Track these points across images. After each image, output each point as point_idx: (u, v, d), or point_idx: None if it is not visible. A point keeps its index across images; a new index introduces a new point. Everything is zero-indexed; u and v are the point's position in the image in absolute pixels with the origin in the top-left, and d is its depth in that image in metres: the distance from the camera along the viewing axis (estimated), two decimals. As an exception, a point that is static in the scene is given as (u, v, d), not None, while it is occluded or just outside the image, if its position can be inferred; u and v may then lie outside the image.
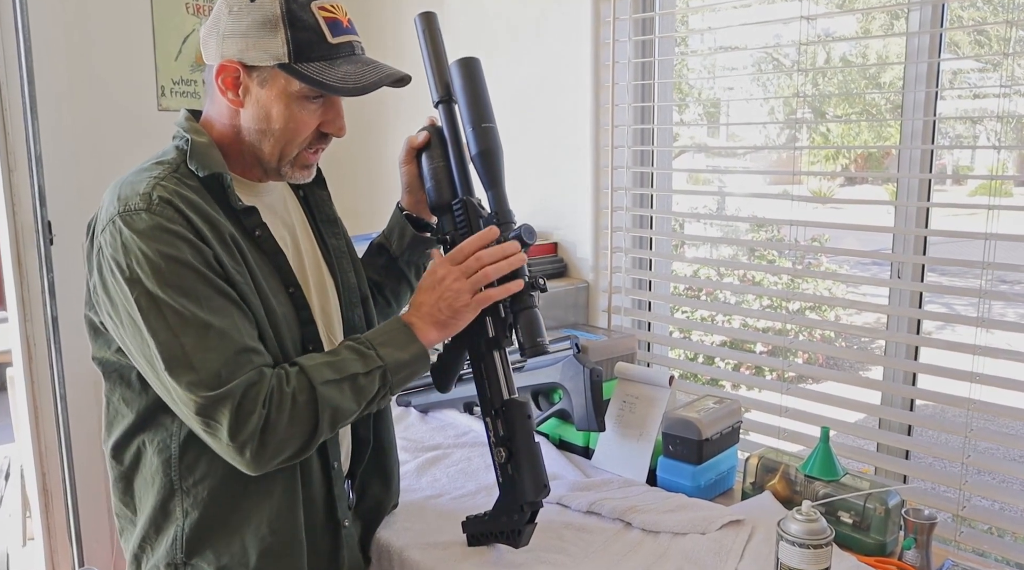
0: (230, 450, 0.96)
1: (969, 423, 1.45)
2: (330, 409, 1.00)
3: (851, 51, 4.64)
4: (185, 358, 0.94)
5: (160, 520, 1.08)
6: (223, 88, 1.03)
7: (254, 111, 1.05)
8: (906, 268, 1.61)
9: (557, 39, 2.00)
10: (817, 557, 1.04)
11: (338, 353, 1.05)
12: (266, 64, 1.01)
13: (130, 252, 0.96)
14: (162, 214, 0.97)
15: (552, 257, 2.01)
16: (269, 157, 1.08)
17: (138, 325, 0.96)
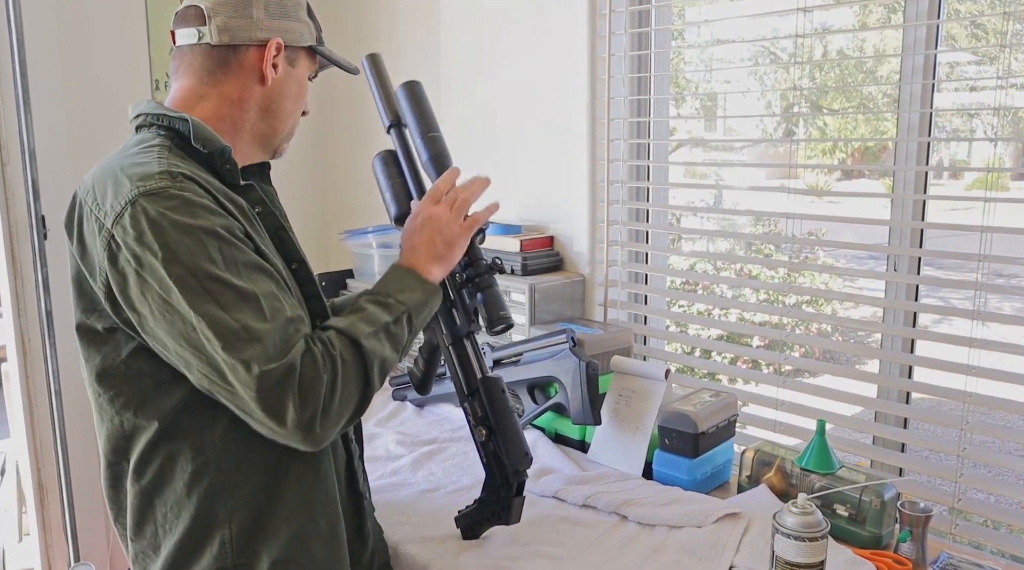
0: (295, 426, 0.91)
1: (965, 416, 1.45)
2: (377, 360, 1.00)
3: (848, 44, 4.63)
4: (244, 332, 0.90)
5: (201, 530, 1.01)
6: (266, 65, 1.08)
7: (276, 88, 1.11)
8: (902, 261, 1.61)
9: (553, 32, 1.99)
10: (813, 550, 1.04)
11: (362, 308, 1.04)
12: (301, 45, 1.12)
13: (162, 231, 0.90)
14: (187, 188, 0.94)
15: (548, 251, 2.00)
16: (276, 132, 1.14)
17: (178, 309, 0.90)
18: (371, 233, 2.35)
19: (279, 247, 1.08)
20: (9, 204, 2.18)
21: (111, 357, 1.00)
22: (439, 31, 2.30)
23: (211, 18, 1.06)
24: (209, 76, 1.08)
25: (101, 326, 1.00)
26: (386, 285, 1.09)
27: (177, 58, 1.11)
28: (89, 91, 2.29)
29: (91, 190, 0.98)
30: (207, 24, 1.06)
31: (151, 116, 1.06)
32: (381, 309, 1.04)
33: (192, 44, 1.08)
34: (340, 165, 2.72)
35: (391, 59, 2.46)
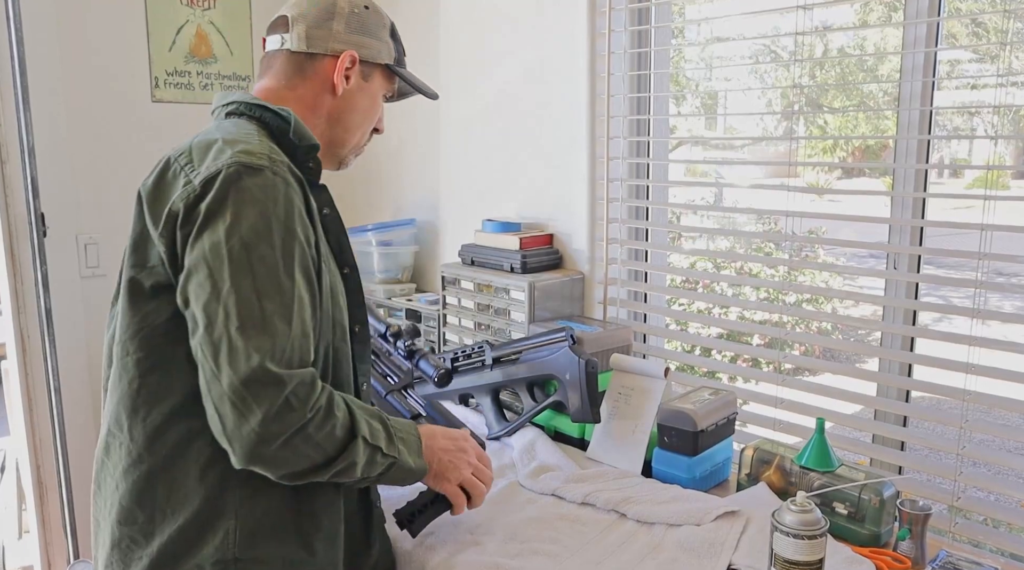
0: (249, 435, 0.88)
1: (964, 414, 1.45)
2: (350, 462, 0.98)
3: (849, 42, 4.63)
4: (264, 322, 0.90)
5: (207, 519, 0.99)
6: (338, 75, 1.14)
7: (347, 100, 1.17)
8: (902, 259, 1.61)
9: (553, 29, 1.99)
10: (812, 548, 1.04)
11: (374, 418, 1.05)
12: (377, 62, 1.19)
13: (241, 202, 0.93)
14: (282, 176, 0.98)
15: (548, 248, 2.00)
16: (343, 144, 1.20)
17: (217, 274, 0.91)
18: (371, 230, 2.35)
19: (336, 252, 1.11)
20: (8, 202, 2.18)
21: (152, 317, 0.99)
22: (439, 28, 2.30)
23: (294, 26, 1.15)
24: (288, 80, 1.15)
25: (149, 284, 0.99)
26: (402, 429, 1.10)
27: (264, 62, 1.19)
28: (88, 89, 2.29)
29: (187, 152, 1.01)
30: (290, 31, 1.15)
31: (245, 105, 1.10)
32: (384, 437, 1.05)
33: (276, 49, 1.16)
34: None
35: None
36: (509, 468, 1.54)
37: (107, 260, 2.37)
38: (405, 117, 2.46)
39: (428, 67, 2.34)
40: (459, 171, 2.32)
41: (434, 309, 2.14)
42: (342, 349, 1.10)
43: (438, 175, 2.39)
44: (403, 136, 2.48)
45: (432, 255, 2.43)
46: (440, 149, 2.37)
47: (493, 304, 1.92)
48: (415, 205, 2.49)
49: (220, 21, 2.52)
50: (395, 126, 2.50)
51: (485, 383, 1.70)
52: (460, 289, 2.03)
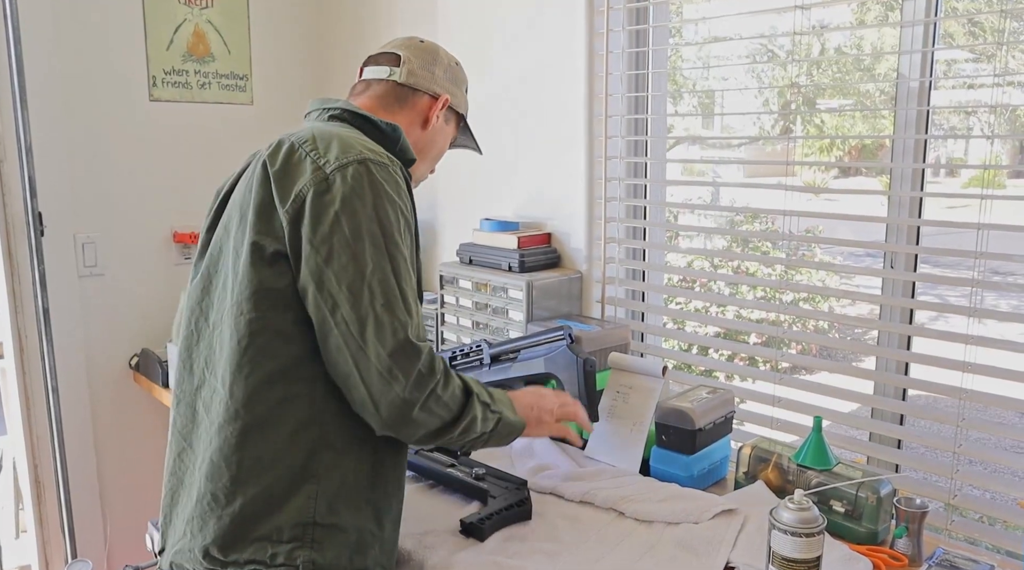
0: (395, 400, 0.99)
1: (961, 412, 1.45)
2: (471, 417, 1.10)
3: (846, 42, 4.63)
4: (404, 301, 1.02)
5: (294, 478, 1.04)
6: (433, 113, 1.31)
7: (431, 135, 1.33)
8: (899, 258, 1.62)
9: (551, 28, 1.99)
10: (809, 545, 1.04)
11: (475, 382, 1.15)
12: (457, 110, 1.38)
13: (376, 193, 1.04)
14: (400, 175, 1.10)
15: (546, 247, 2.00)
16: (421, 174, 1.37)
17: (358, 257, 1.01)
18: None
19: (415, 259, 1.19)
20: (6, 201, 2.18)
21: (269, 281, 1.04)
22: (437, 27, 2.30)
23: (404, 63, 1.30)
24: (387, 106, 1.28)
25: (271, 249, 1.04)
26: (495, 393, 1.21)
27: (361, 86, 1.32)
28: (86, 88, 2.28)
29: (310, 140, 1.09)
30: (400, 67, 1.30)
31: (350, 114, 1.21)
32: (489, 396, 1.17)
33: (380, 79, 1.30)
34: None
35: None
36: (508, 467, 1.54)
37: (105, 259, 2.37)
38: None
39: (426, 66, 2.34)
40: (457, 170, 2.32)
41: (432, 308, 2.15)
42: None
43: (436, 174, 2.39)
44: (401, 135, 2.48)
45: (430, 254, 2.43)
46: (438, 148, 2.37)
47: (491, 303, 1.93)
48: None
49: (218, 20, 2.52)
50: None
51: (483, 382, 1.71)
52: (458, 288, 2.03)
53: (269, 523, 1.03)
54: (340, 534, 1.06)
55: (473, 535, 1.27)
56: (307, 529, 1.04)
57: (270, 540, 1.03)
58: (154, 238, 2.47)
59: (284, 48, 2.66)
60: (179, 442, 1.15)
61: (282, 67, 2.66)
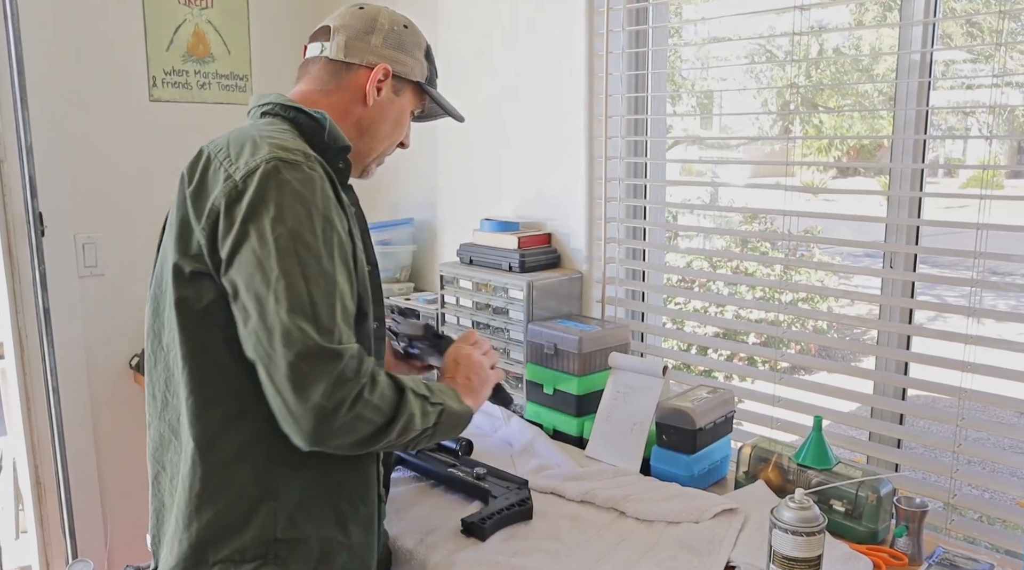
0: (313, 410, 0.93)
1: (960, 412, 1.46)
2: (408, 415, 1.03)
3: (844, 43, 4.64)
4: (312, 306, 0.95)
5: (252, 497, 1.03)
6: (371, 87, 1.19)
7: (378, 112, 1.22)
8: (898, 258, 1.62)
9: (551, 29, 1.99)
10: (810, 544, 1.05)
11: (411, 379, 1.09)
12: (411, 79, 1.25)
13: (282, 195, 0.98)
14: (316, 172, 1.03)
15: (546, 248, 2.01)
16: (372, 154, 1.25)
17: (265, 263, 0.96)
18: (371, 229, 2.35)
19: (365, 249, 1.16)
20: (6, 201, 2.18)
21: (191, 302, 1.03)
22: (436, 27, 2.30)
23: (335, 36, 1.21)
24: (323, 86, 1.20)
25: (189, 269, 1.03)
26: (434, 385, 1.15)
27: (303, 67, 1.24)
28: (86, 88, 2.29)
29: (224, 148, 1.05)
30: (331, 40, 1.21)
31: (281, 106, 1.14)
32: (425, 388, 1.10)
33: (315, 56, 1.22)
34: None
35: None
36: (509, 466, 1.55)
37: (105, 259, 2.37)
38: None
39: (426, 67, 2.34)
40: (457, 170, 2.32)
41: (432, 308, 2.15)
42: (363, 342, 1.12)
43: (436, 174, 2.40)
44: (401, 135, 2.49)
45: (430, 254, 2.44)
46: (438, 148, 2.37)
47: (492, 303, 1.93)
48: (413, 204, 2.50)
49: (218, 20, 2.52)
50: (393, 126, 2.50)
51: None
52: (458, 288, 2.03)
53: (231, 545, 1.02)
54: (303, 546, 1.05)
55: (474, 535, 1.28)
56: (270, 546, 1.03)
57: (233, 561, 1.02)
58: (154, 238, 2.44)
59: (284, 48, 2.66)
60: (154, 465, 1.14)
61: (282, 67, 2.66)
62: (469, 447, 1.55)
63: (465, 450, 1.54)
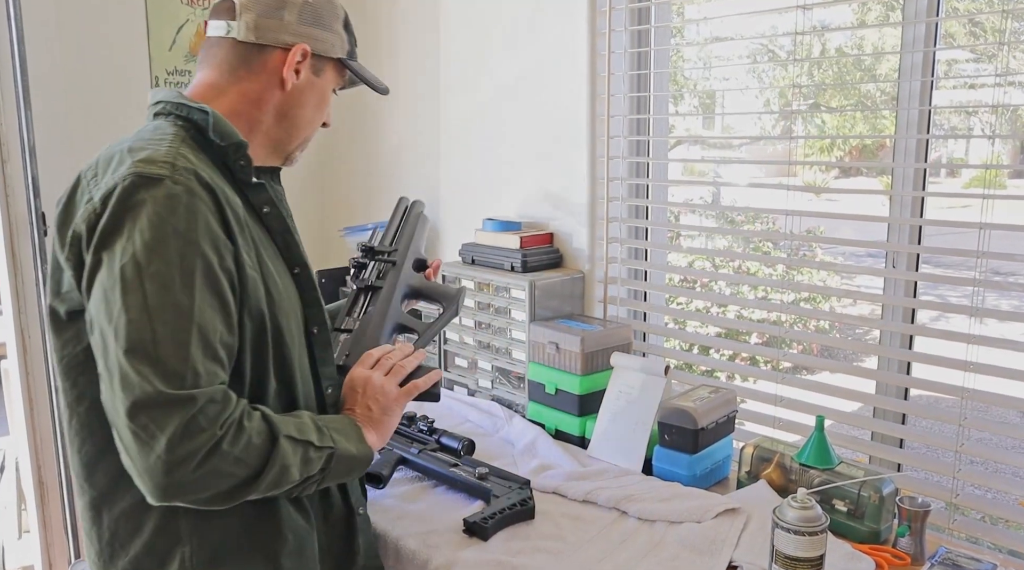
0: (156, 464, 0.83)
1: (963, 412, 1.46)
2: (279, 466, 0.92)
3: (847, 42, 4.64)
4: (153, 345, 0.84)
5: (161, 545, 0.96)
6: (286, 69, 1.06)
7: (296, 96, 1.09)
8: (901, 258, 1.62)
9: (553, 28, 1.99)
10: (812, 544, 1.05)
11: (299, 417, 0.99)
12: (330, 56, 1.11)
13: (138, 217, 0.87)
14: (185, 184, 0.90)
15: (548, 247, 2.01)
16: (290, 140, 1.12)
17: (110, 296, 0.86)
18: (371, 230, 2.35)
19: (283, 250, 1.07)
20: (9, 201, 2.18)
21: (70, 347, 0.96)
22: (439, 27, 2.30)
23: (242, 14, 1.05)
24: (232, 72, 1.06)
25: (64, 310, 0.95)
26: (331, 420, 1.05)
27: (204, 48, 1.09)
28: (89, 87, 2.29)
29: (94, 166, 0.97)
30: (237, 19, 1.05)
31: (170, 105, 1.03)
32: (314, 431, 0.99)
33: (220, 37, 1.06)
34: (339, 161, 2.72)
35: (391, 56, 2.47)
36: (511, 466, 1.55)
37: (107, 259, 2.37)
38: (405, 116, 2.46)
39: (428, 65, 2.34)
40: (459, 170, 2.32)
41: (434, 309, 2.15)
42: (291, 355, 1.03)
43: (438, 174, 2.40)
44: (403, 135, 2.49)
45: (432, 254, 2.44)
46: (440, 148, 2.37)
47: (494, 303, 1.93)
48: (415, 204, 2.50)
49: (220, 21, 2.52)
50: (395, 125, 2.50)
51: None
52: (460, 288, 2.03)
53: None
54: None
55: (476, 534, 1.28)
56: None
57: None
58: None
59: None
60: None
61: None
62: (471, 447, 1.55)
63: (467, 450, 1.54)
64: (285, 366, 1.03)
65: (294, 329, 1.04)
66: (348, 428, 1.05)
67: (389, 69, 2.48)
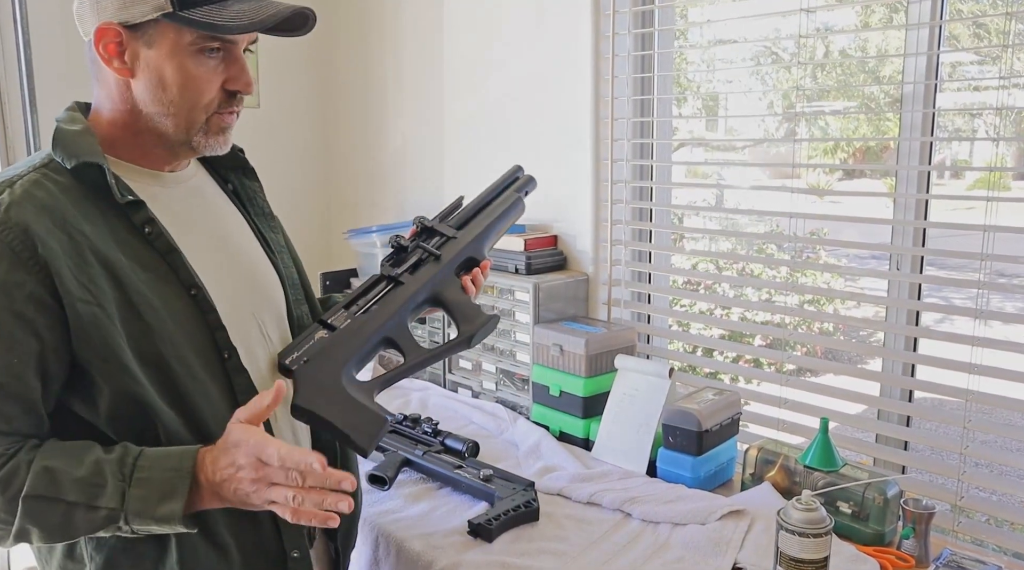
0: None
1: (967, 414, 1.46)
2: (22, 527, 0.86)
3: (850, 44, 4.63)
4: None
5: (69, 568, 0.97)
6: (106, 57, 0.93)
7: (147, 77, 0.94)
8: (905, 260, 1.62)
9: (557, 32, 2.00)
10: (817, 546, 1.05)
11: (80, 464, 0.87)
12: (149, 18, 0.91)
13: None
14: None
15: (552, 250, 2.01)
16: (175, 129, 0.97)
17: None
18: (375, 232, 2.36)
19: (174, 271, 0.96)
20: (15, 204, 2.19)
21: None
22: (443, 29, 2.31)
23: (76, 16, 0.96)
24: (94, 76, 0.99)
25: None
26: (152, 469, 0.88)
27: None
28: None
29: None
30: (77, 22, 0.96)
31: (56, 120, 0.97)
32: (91, 487, 0.87)
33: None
34: (343, 163, 2.73)
35: (394, 59, 2.48)
36: (515, 468, 1.55)
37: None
38: (409, 118, 2.47)
39: (432, 67, 2.35)
40: (463, 172, 2.33)
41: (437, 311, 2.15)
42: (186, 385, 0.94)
43: (442, 176, 2.40)
44: (407, 136, 2.50)
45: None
46: (444, 150, 2.38)
47: (497, 305, 1.93)
48: (419, 206, 2.50)
49: (225, 24, 2.53)
50: (399, 126, 2.51)
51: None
52: (465, 290, 2.03)
53: None
54: None
55: (481, 536, 1.28)
56: None
57: None
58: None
59: (289, 50, 2.67)
60: None
61: (288, 69, 2.67)
62: (475, 449, 1.55)
63: (471, 452, 1.54)
64: (180, 397, 0.93)
65: (191, 358, 0.94)
66: (165, 480, 0.87)
67: (393, 71, 2.49)
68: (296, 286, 1.16)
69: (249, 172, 1.15)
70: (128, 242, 0.93)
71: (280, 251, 1.15)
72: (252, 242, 1.11)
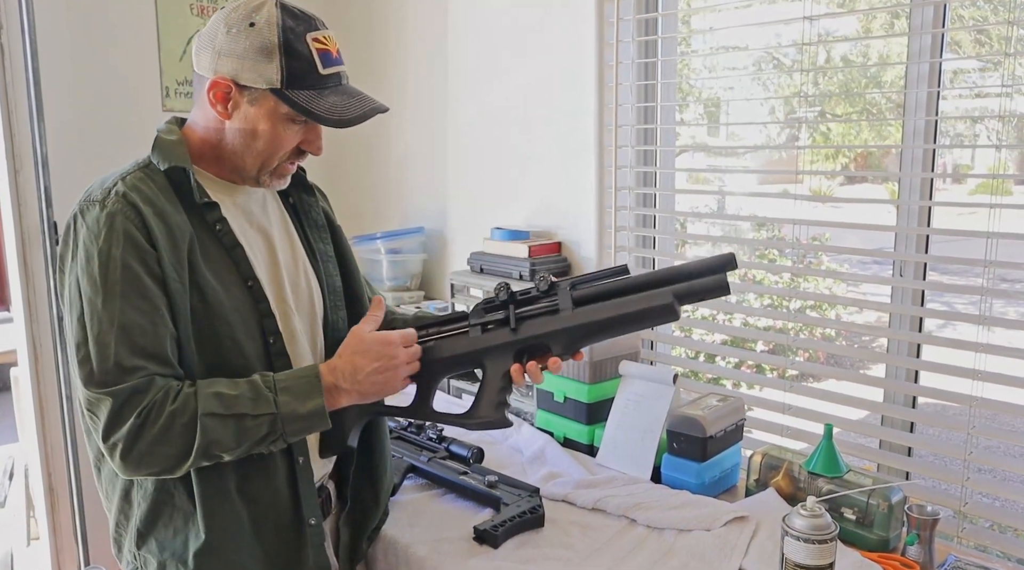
0: (104, 447, 1.01)
1: (971, 420, 1.46)
2: (207, 441, 1.01)
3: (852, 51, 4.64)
4: (86, 348, 1.00)
5: (125, 509, 1.13)
6: (212, 101, 1.08)
7: (240, 125, 1.10)
8: (908, 266, 1.62)
9: (561, 39, 2.01)
10: (821, 552, 1.05)
11: (237, 386, 1.04)
12: (258, 87, 1.07)
13: (75, 242, 1.03)
14: (112, 208, 1.02)
15: (556, 256, 2.02)
16: (250, 168, 1.13)
17: (64, 313, 1.04)
18: (380, 239, 2.37)
19: (235, 264, 1.11)
20: (22, 211, 2.20)
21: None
22: (447, 36, 2.32)
23: (194, 42, 1.12)
24: (195, 98, 1.14)
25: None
26: (287, 377, 1.08)
27: None
28: (101, 99, 2.31)
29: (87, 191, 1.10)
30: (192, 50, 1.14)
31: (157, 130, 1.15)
32: (251, 398, 1.04)
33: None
34: (348, 170, 2.74)
35: (399, 66, 2.49)
36: (520, 474, 1.55)
37: (118, 268, 2.39)
38: (414, 125, 2.48)
39: (436, 74, 2.36)
40: (467, 179, 2.34)
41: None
42: (235, 364, 1.08)
43: (446, 183, 2.41)
44: (411, 144, 2.51)
45: (441, 263, 2.45)
46: (448, 157, 2.39)
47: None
48: (423, 213, 2.51)
49: (230, 32, 2.55)
50: (403, 134, 2.52)
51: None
52: (469, 297, 2.04)
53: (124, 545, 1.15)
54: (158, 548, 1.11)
55: (486, 542, 1.28)
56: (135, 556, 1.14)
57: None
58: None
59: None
60: None
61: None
62: (480, 455, 1.56)
63: (476, 458, 1.55)
64: (223, 372, 1.08)
65: (242, 338, 1.09)
66: (303, 383, 1.07)
67: (398, 79, 2.50)
68: (336, 292, 1.27)
69: (308, 189, 1.29)
70: (202, 236, 1.09)
71: (326, 260, 1.27)
72: (299, 250, 1.24)
